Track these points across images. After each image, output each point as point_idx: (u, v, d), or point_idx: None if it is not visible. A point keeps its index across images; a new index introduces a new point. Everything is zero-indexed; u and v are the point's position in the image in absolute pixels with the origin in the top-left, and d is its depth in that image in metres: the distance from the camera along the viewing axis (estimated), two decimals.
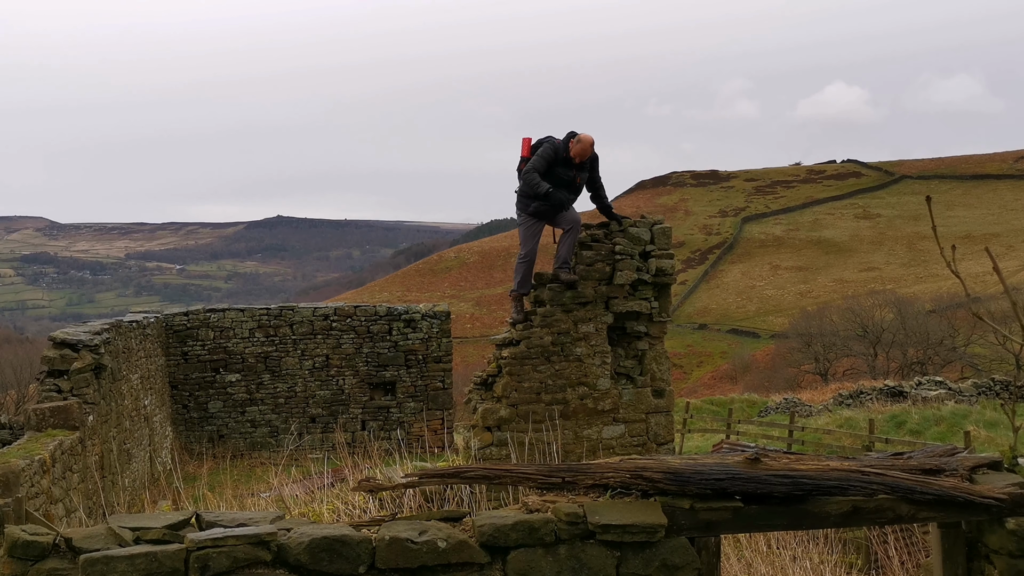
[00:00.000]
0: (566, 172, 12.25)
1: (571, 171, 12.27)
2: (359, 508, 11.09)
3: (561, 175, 12.23)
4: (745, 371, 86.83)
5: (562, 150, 12.22)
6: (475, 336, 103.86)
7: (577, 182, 12.36)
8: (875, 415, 29.59)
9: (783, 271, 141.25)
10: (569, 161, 12.23)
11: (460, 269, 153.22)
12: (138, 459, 20.99)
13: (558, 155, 12.21)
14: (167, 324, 25.09)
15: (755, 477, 5.47)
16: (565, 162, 12.23)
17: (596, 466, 5.72)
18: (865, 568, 11.89)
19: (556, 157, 12.21)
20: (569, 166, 12.25)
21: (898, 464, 5.81)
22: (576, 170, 12.31)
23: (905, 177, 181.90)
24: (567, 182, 12.28)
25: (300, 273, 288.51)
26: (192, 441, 24.94)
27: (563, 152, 12.21)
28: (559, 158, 12.21)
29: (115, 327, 19.75)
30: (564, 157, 12.21)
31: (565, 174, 12.25)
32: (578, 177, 12.33)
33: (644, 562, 5.36)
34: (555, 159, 12.21)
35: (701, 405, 44.32)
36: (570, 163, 12.24)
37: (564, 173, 12.24)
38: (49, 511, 13.71)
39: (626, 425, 12.91)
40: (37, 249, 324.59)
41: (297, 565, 5.09)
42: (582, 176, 12.38)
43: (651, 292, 12.80)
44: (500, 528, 5.27)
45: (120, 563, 4.91)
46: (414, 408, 25.41)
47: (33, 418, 15.94)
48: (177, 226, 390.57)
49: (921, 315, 67.25)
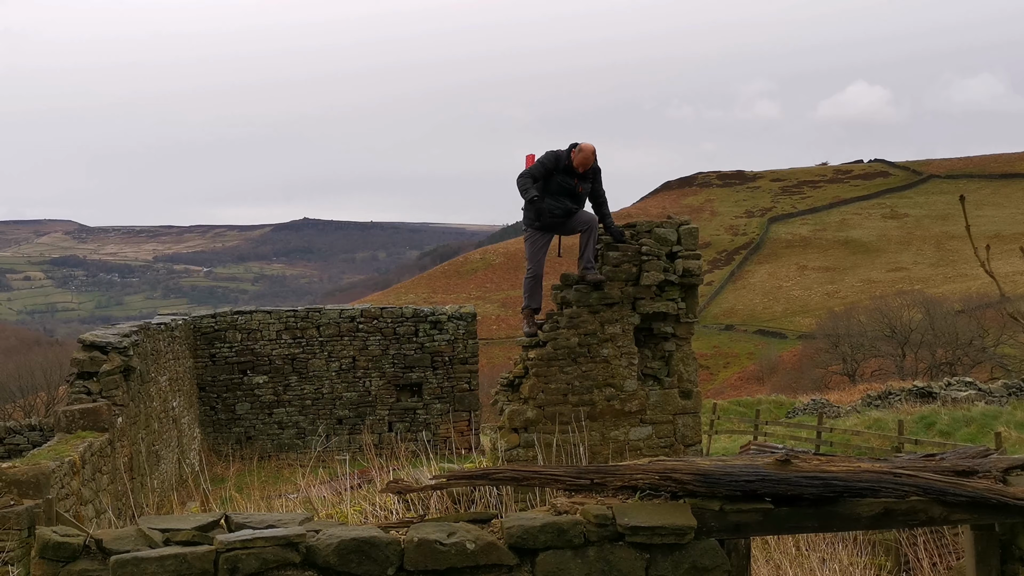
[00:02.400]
0: (567, 180, 12.31)
1: (572, 179, 12.32)
2: (386, 509, 11.10)
3: (562, 183, 12.29)
4: (772, 372, 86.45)
5: (563, 159, 12.30)
6: (501, 337, 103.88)
7: (579, 191, 12.39)
8: (904, 416, 29.37)
9: (810, 271, 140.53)
10: (570, 170, 12.30)
11: (486, 270, 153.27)
12: (166, 461, 21.10)
13: (559, 163, 12.29)
14: (195, 326, 25.23)
15: (785, 479, 5.44)
16: (566, 170, 12.30)
17: (625, 467, 5.69)
18: (895, 571, 11.80)
19: (557, 166, 12.29)
20: (570, 175, 12.32)
21: (930, 466, 5.76)
22: (578, 179, 12.34)
23: (933, 176, 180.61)
24: (568, 190, 12.32)
25: (326, 275, 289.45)
26: (220, 443, 25.06)
27: (564, 160, 12.29)
28: (560, 167, 12.29)
29: (143, 329, 19.86)
30: (566, 166, 12.29)
31: (566, 182, 12.30)
32: (580, 186, 12.38)
33: (673, 564, 5.33)
34: (556, 167, 12.28)
35: (728, 406, 44.14)
36: (571, 172, 12.31)
37: (565, 181, 12.30)
38: (79, 512, 13.80)
39: (653, 426, 12.86)
40: (66, 252, 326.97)
41: (326, 567, 5.09)
42: (584, 186, 12.42)
43: (678, 293, 12.76)
44: (529, 530, 5.25)
45: (150, 564, 4.92)
46: (440, 409, 25.44)
47: (63, 420, 16.05)
48: (204, 229, 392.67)
49: (950, 315, 66.72)
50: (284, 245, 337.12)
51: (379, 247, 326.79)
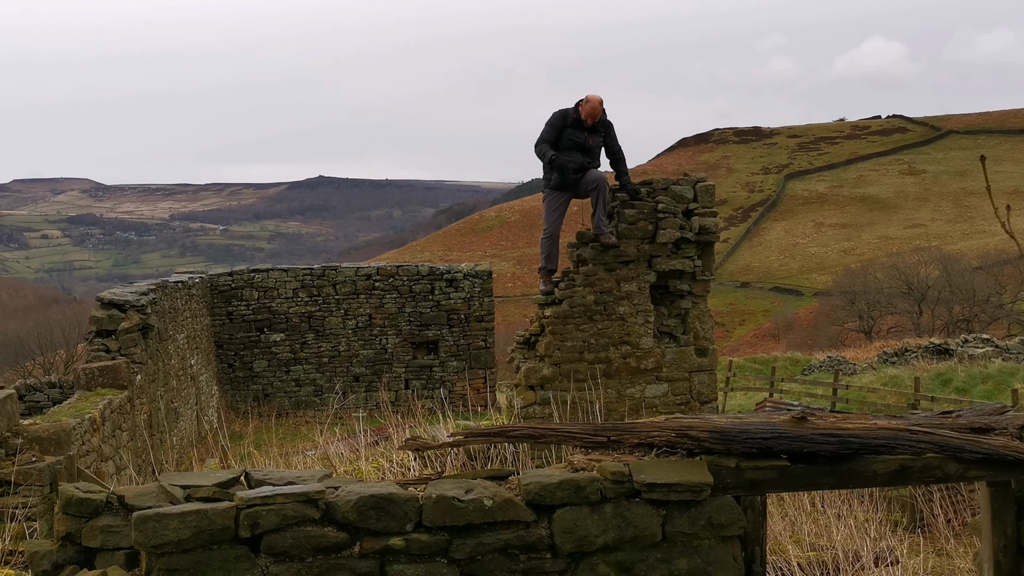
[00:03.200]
0: (576, 135, 12.30)
1: (582, 133, 12.30)
2: (403, 466, 11.18)
3: (572, 138, 12.28)
4: (788, 329, 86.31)
5: (571, 114, 12.32)
6: (516, 295, 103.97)
7: (590, 144, 12.36)
8: (920, 373, 29.32)
9: (827, 228, 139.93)
10: (579, 123, 12.30)
11: (501, 228, 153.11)
12: (185, 418, 21.27)
13: (567, 119, 12.32)
14: (212, 284, 25.32)
15: (801, 436, 5.45)
16: (575, 124, 12.31)
17: (641, 425, 5.72)
18: (910, 527, 11.84)
19: (565, 122, 12.32)
20: (579, 128, 12.32)
21: (946, 423, 5.76)
22: (588, 132, 12.31)
23: (952, 132, 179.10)
24: (579, 145, 12.30)
25: (342, 233, 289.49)
26: (238, 400, 25.23)
27: (572, 115, 12.30)
28: (568, 122, 12.31)
29: (161, 288, 19.95)
30: (574, 120, 12.30)
31: (576, 136, 12.30)
32: (590, 139, 12.36)
33: (690, 521, 5.36)
34: (564, 124, 12.30)
35: (744, 364, 44.15)
36: (580, 125, 12.31)
37: (575, 136, 12.30)
38: (100, 468, 13.94)
39: (669, 384, 12.90)
40: (83, 211, 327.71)
41: (345, 523, 5.14)
42: (595, 139, 12.40)
43: (694, 250, 12.74)
44: (546, 487, 5.29)
45: (172, 520, 4.98)
46: (457, 367, 25.53)
47: (83, 377, 16.18)
48: (220, 187, 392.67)
49: (967, 272, 66.37)
50: (300, 203, 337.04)
51: (394, 205, 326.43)
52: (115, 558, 5.15)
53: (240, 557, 5.05)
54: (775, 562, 8.46)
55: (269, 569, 5.07)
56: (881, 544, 8.97)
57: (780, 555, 8.71)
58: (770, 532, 8.84)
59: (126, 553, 5.16)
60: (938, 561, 9.36)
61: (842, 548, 8.66)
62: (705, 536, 5.41)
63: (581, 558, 5.34)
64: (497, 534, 5.24)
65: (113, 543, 5.18)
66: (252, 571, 5.06)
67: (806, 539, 9.31)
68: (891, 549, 8.84)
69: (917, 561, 8.76)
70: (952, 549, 9.76)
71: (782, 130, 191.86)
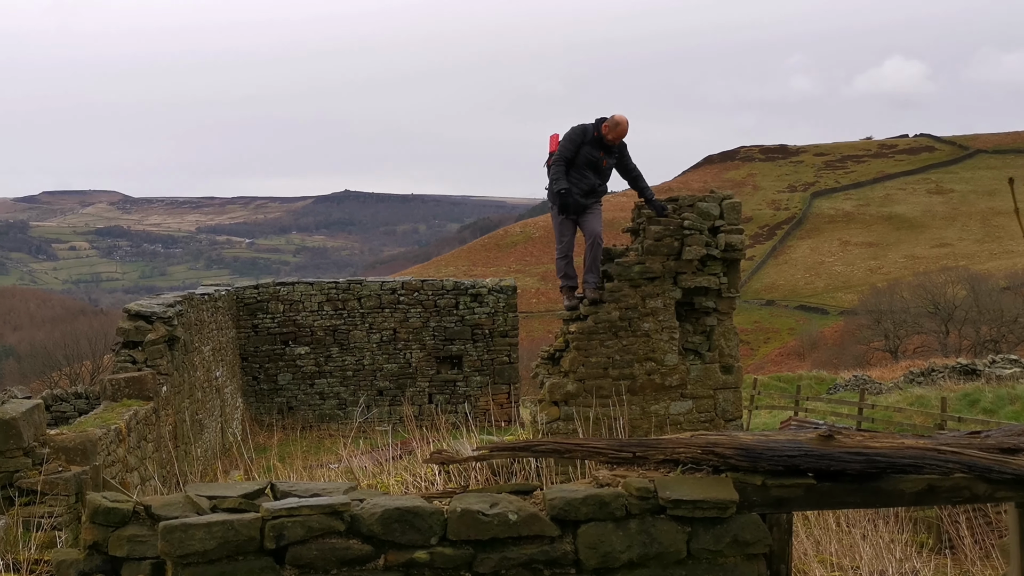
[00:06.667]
0: (593, 153, 12.21)
1: (598, 152, 12.23)
2: (427, 480, 11.18)
3: (588, 156, 12.21)
4: (813, 348, 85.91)
5: (591, 131, 12.21)
6: (540, 311, 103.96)
7: (603, 164, 12.31)
8: (947, 393, 29.11)
9: (853, 247, 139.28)
10: (597, 141, 12.20)
11: (526, 244, 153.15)
12: (210, 429, 21.35)
13: (586, 136, 12.21)
14: (238, 297, 25.45)
15: (828, 454, 5.42)
16: (593, 142, 12.21)
17: (667, 441, 5.71)
18: (936, 547, 11.76)
19: (584, 138, 12.21)
20: (597, 146, 12.22)
21: (975, 443, 5.72)
22: (604, 152, 12.26)
23: (980, 151, 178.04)
24: (592, 163, 12.24)
25: (367, 247, 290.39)
26: (262, 412, 25.32)
27: (592, 132, 12.20)
28: (587, 138, 12.21)
29: (187, 300, 20.05)
30: (594, 137, 12.19)
31: (591, 155, 12.21)
32: (604, 160, 12.29)
33: (715, 538, 5.34)
34: (583, 140, 12.20)
35: (768, 382, 43.96)
36: (598, 144, 12.22)
37: (591, 154, 12.21)
38: (125, 479, 14.01)
39: (694, 401, 12.85)
40: (111, 223, 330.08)
41: (370, 535, 5.14)
42: (609, 159, 12.33)
43: (720, 267, 12.71)
44: (571, 502, 5.28)
45: (198, 531, 5.00)
46: (480, 382, 25.54)
47: (109, 388, 16.27)
48: (246, 200, 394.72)
49: (995, 292, 65.98)
50: (326, 217, 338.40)
51: (420, 220, 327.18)
52: (141, 567, 5.18)
53: (265, 568, 5.07)
54: None
55: None
56: (906, 565, 8.91)
57: (805, 574, 8.65)
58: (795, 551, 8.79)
59: (152, 563, 5.18)
60: None
61: (867, 568, 8.60)
62: (730, 553, 5.39)
63: (606, 574, 5.32)
64: (521, 549, 5.23)
65: (139, 553, 5.20)
66: None
67: (831, 559, 9.25)
68: (916, 571, 8.77)
69: None
70: (978, 571, 9.67)
71: (808, 148, 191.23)
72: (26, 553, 9.19)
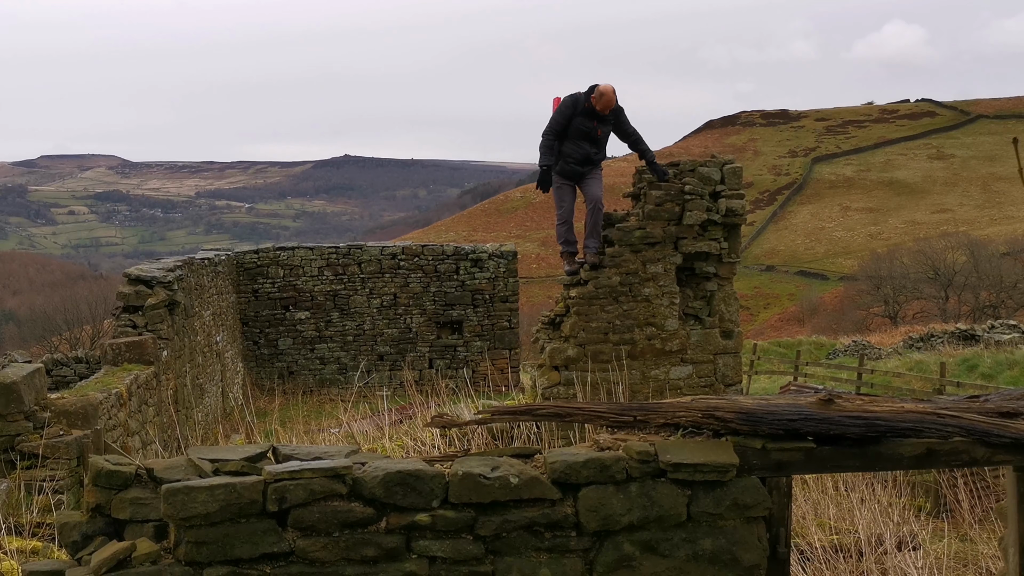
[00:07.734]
0: (586, 123, 12.18)
1: (591, 122, 12.19)
2: (427, 445, 11.23)
3: (580, 126, 12.18)
4: (813, 313, 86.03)
5: (582, 101, 12.17)
6: (540, 276, 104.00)
7: (598, 134, 12.27)
8: (946, 359, 29.18)
9: (853, 212, 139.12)
10: (590, 112, 12.16)
11: (526, 209, 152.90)
12: (210, 394, 21.41)
13: (578, 106, 12.17)
14: (238, 262, 25.45)
15: (828, 418, 5.43)
16: (586, 112, 12.17)
17: (668, 405, 5.72)
18: (934, 512, 11.81)
19: (576, 109, 12.17)
20: (590, 117, 12.18)
21: (974, 407, 5.73)
22: (598, 121, 12.21)
23: (981, 116, 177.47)
24: (586, 133, 12.21)
25: (367, 212, 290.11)
26: (263, 377, 25.38)
27: (583, 103, 12.16)
28: (579, 109, 12.17)
29: (187, 264, 20.06)
30: (585, 108, 12.16)
31: (584, 124, 12.18)
32: (599, 129, 12.25)
33: (715, 501, 5.36)
34: (575, 111, 12.16)
35: (768, 347, 44.07)
36: (591, 114, 12.16)
37: (584, 124, 12.18)
38: (126, 443, 14.06)
39: (694, 366, 12.88)
40: (110, 187, 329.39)
41: (371, 498, 5.16)
42: (604, 128, 12.29)
43: (720, 233, 12.70)
44: (572, 465, 5.29)
45: (200, 493, 5.02)
46: (480, 347, 25.60)
47: (109, 352, 16.30)
48: (246, 165, 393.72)
49: (995, 258, 65.98)
50: (325, 182, 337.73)
51: (420, 184, 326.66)
52: (144, 530, 5.20)
53: (267, 531, 5.09)
54: (799, 544, 8.46)
55: (296, 543, 5.11)
56: (904, 529, 8.96)
57: (804, 537, 8.71)
58: (794, 514, 8.84)
59: (155, 525, 5.20)
60: (961, 547, 9.33)
61: (865, 532, 8.65)
62: (730, 516, 5.41)
63: (606, 536, 5.35)
64: (523, 511, 5.25)
65: (142, 515, 5.22)
66: (279, 545, 5.10)
67: (829, 522, 9.30)
68: (914, 534, 8.82)
69: (940, 546, 8.74)
70: (976, 535, 9.73)
71: (809, 113, 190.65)
72: (28, 516, 9.25)
